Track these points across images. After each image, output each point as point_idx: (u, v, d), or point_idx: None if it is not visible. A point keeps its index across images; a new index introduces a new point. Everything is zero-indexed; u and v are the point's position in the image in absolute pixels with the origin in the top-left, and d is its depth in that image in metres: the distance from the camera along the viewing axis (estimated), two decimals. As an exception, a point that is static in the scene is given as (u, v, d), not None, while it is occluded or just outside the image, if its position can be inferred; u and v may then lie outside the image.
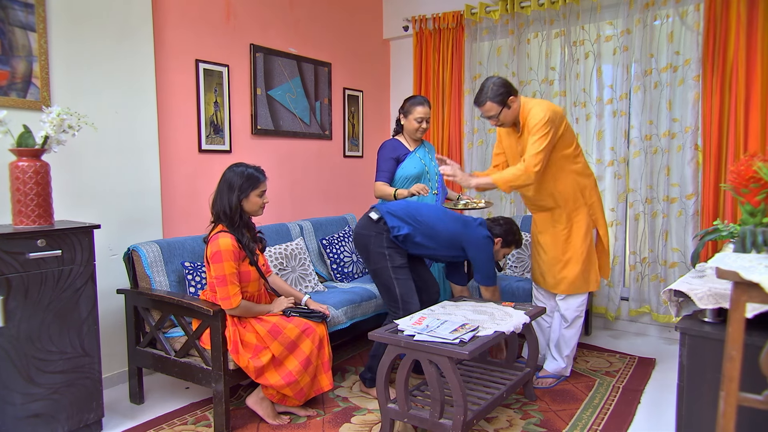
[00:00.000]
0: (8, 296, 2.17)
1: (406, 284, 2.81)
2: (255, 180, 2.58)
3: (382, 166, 3.36)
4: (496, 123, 2.87)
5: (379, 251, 2.80)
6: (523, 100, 2.84)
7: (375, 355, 2.85)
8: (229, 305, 2.44)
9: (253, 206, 2.60)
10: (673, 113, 3.67)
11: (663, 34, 3.70)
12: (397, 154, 3.33)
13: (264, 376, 2.47)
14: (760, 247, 1.50)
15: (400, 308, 2.79)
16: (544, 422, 2.57)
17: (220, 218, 2.56)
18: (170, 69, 3.28)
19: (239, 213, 2.56)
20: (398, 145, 3.36)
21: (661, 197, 3.73)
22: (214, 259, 2.46)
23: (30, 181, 2.29)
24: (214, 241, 2.49)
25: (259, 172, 2.62)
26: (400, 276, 2.80)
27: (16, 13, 2.59)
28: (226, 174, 2.61)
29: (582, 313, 2.98)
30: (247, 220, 2.62)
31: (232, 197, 2.54)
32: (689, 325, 1.49)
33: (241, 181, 2.55)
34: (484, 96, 2.79)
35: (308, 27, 4.21)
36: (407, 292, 2.80)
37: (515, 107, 2.81)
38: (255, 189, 2.57)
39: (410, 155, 3.33)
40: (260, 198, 2.60)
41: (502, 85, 2.77)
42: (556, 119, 2.74)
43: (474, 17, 4.35)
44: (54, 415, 2.32)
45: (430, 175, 3.33)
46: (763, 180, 1.61)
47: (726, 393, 1.19)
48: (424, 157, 3.37)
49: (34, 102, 2.65)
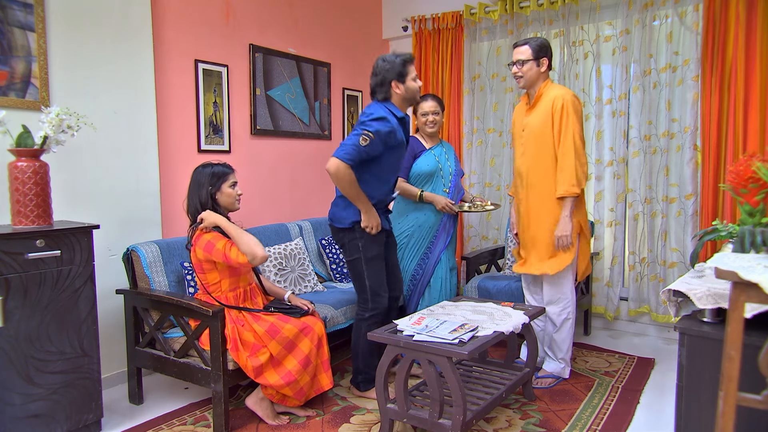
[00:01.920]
0: (7, 296, 2.17)
1: (378, 278, 2.79)
2: (222, 173, 2.62)
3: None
4: (518, 71, 2.89)
5: (353, 243, 2.77)
6: (551, 81, 2.92)
7: (356, 355, 2.86)
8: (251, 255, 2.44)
9: (228, 198, 2.62)
10: (672, 113, 3.67)
11: (662, 35, 3.70)
12: (414, 152, 3.31)
13: (263, 376, 2.47)
14: (758, 247, 1.50)
15: (369, 300, 2.79)
16: (543, 422, 2.57)
17: (197, 218, 2.58)
18: (169, 69, 3.28)
19: (213, 208, 2.58)
20: (415, 143, 3.31)
21: (660, 197, 3.73)
22: (207, 249, 2.49)
23: (29, 182, 2.29)
24: (199, 241, 2.53)
25: (226, 166, 2.66)
26: (372, 269, 2.77)
27: (15, 13, 2.59)
28: (193, 175, 2.64)
29: (570, 315, 2.95)
30: (225, 215, 2.61)
31: (202, 192, 2.58)
32: (688, 325, 1.49)
33: (209, 177, 2.59)
34: (526, 40, 2.90)
35: (307, 27, 4.21)
36: (378, 285, 2.79)
37: (542, 72, 2.88)
38: (225, 181, 2.61)
39: (426, 152, 3.30)
40: (233, 189, 2.63)
41: (545, 45, 2.89)
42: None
43: (473, 17, 4.35)
44: (53, 415, 2.32)
45: (444, 174, 3.30)
46: (761, 180, 1.61)
47: (725, 393, 1.20)
48: (440, 156, 3.33)
49: (33, 102, 2.65)
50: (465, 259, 3.70)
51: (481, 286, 3.58)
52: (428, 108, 3.28)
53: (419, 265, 3.29)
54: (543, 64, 2.86)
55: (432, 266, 3.28)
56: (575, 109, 2.80)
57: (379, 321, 2.80)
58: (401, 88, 2.73)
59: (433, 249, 3.29)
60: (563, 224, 2.82)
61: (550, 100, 2.82)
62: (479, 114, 4.47)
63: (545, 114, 2.84)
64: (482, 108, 4.46)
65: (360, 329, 2.79)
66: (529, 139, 2.92)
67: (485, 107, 4.45)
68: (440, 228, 3.29)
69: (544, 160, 2.86)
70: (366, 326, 2.76)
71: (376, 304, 2.78)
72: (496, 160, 4.43)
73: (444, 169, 3.32)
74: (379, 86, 2.74)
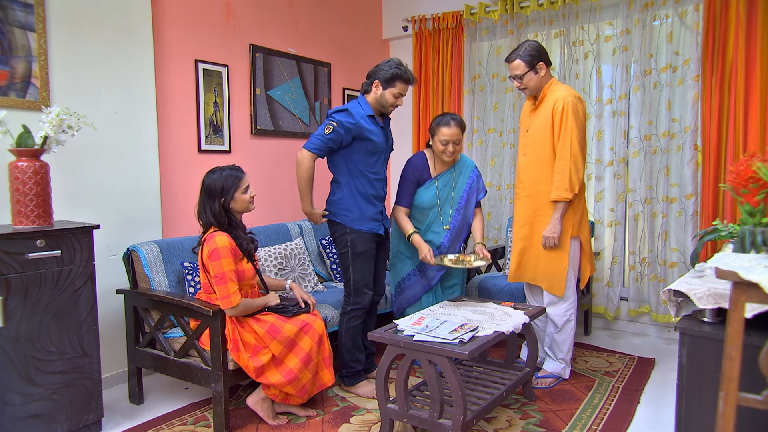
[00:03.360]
0: (7, 296, 2.17)
1: (363, 274, 2.86)
2: (234, 179, 2.55)
3: (402, 190, 3.06)
4: (520, 85, 2.89)
5: (342, 237, 2.86)
6: (555, 81, 2.90)
7: (340, 348, 2.90)
8: (229, 304, 2.42)
9: (242, 204, 2.59)
10: (672, 113, 3.67)
11: (662, 35, 3.70)
12: (418, 178, 3.05)
13: (265, 376, 2.47)
14: (759, 247, 1.50)
15: (351, 294, 2.87)
16: (543, 422, 2.57)
17: (210, 225, 2.55)
18: (170, 69, 3.28)
19: (226, 217, 2.55)
20: (424, 167, 3.05)
21: (660, 197, 3.73)
22: (212, 256, 2.45)
23: (29, 182, 2.29)
24: (210, 240, 2.48)
25: (236, 170, 2.59)
26: (358, 264, 2.84)
27: (16, 13, 2.59)
28: (204, 182, 2.57)
29: (571, 317, 2.95)
30: (237, 221, 2.61)
31: (214, 204, 2.52)
32: (689, 325, 1.49)
33: (221, 186, 2.53)
34: (516, 53, 2.85)
35: (308, 27, 4.21)
36: (361, 282, 2.86)
37: (543, 76, 2.84)
38: (237, 189, 2.56)
39: (429, 183, 3.05)
40: (246, 194, 2.59)
41: (535, 49, 2.82)
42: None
43: (473, 17, 4.35)
44: (53, 415, 2.32)
45: (443, 211, 3.06)
46: (762, 180, 1.61)
47: (725, 393, 1.19)
48: (445, 186, 3.06)
49: (33, 102, 2.65)
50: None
51: (482, 286, 3.58)
52: (448, 135, 2.92)
53: (413, 271, 3.14)
54: (541, 69, 2.84)
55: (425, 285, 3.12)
56: (575, 111, 2.77)
57: (359, 316, 2.89)
58: (379, 91, 2.81)
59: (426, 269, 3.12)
60: (552, 226, 2.83)
61: (552, 101, 2.81)
62: (479, 114, 4.47)
63: (547, 116, 2.83)
64: (482, 108, 4.46)
65: (342, 322, 2.88)
66: (531, 141, 2.92)
67: (485, 107, 4.45)
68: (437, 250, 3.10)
69: (542, 162, 2.86)
70: (346, 320, 2.88)
71: (357, 299, 2.87)
72: (496, 160, 4.43)
73: (444, 204, 3.05)
74: (369, 77, 2.86)
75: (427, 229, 3.09)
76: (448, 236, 3.08)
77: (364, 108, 2.81)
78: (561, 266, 2.87)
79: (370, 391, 2.86)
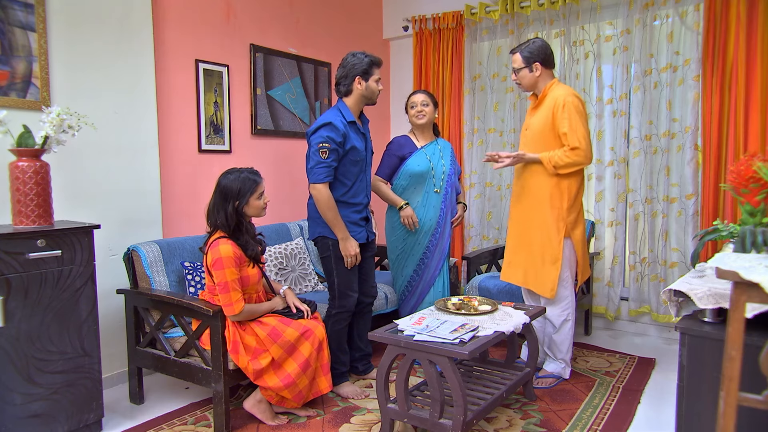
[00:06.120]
0: (8, 296, 2.17)
1: (346, 278, 2.85)
2: (251, 184, 2.52)
3: (383, 161, 3.32)
4: (515, 79, 2.95)
5: (324, 241, 2.84)
6: (557, 81, 2.91)
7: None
8: (231, 311, 2.42)
9: (255, 210, 2.57)
10: (672, 113, 3.67)
11: (663, 34, 3.70)
12: (403, 153, 3.27)
13: (262, 378, 2.46)
14: (759, 247, 1.50)
15: (336, 298, 2.86)
16: (543, 422, 2.57)
17: (218, 228, 2.53)
18: (170, 69, 3.28)
19: (238, 221, 2.53)
20: (406, 143, 3.29)
21: (660, 197, 3.73)
22: (215, 266, 2.44)
23: (30, 182, 2.29)
24: (214, 249, 2.46)
25: (254, 174, 2.56)
26: (341, 268, 2.83)
27: (16, 13, 2.59)
28: (220, 183, 2.53)
29: (569, 317, 2.94)
30: (247, 226, 2.59)
31: (228, 207, 2.49)
32: (689, 325, 1.49)
33: (237, 189, 2.50)
34: (519, 47, 2.91)
35: (308, 27, 4.21)
36: (345, 285, 2.85)
37: (538, 75, 2.86)
38: (253, 193, 2.53)
39: (417, 152, 3.26)
40: (260, 200, 2.56)
41: (538, 48, 2.86)
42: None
43: (474, 17, 4.35)
44: (54, 415, 2.32)
45: (436, 174, 3.24)
46: (762, 180, 1.61)
47: (726, 393, 1.19)
48: (433, 155, 3.27)
49: (33, 102, 2.65)
50: (465, 259, 3.70)
51: (482, 286, 3.58)
52: (417, 99, 3.27)
53: (415, 272, 3.28)
54: (536, 69, 2.85)
55: (431, 277, 3.27)
56: (576, 106, 2.77)
57: (344, 319, 2.90)
58: (363, 85, 2.82)
59: (429, 257, 3.26)
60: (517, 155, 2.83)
61: (552, 99, 2.82)
62: (480, 114, 4.47)
63: (546, 114, 2.83)
64: (483, 108, 4.46)
65: (327, 325, 2.85)
66: (529, 139, 2.92)
67: (486, 107, 4.45)
68: (436, 235, 3.25)
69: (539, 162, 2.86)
70: (331, 323, 2.87)
71: (342, 302, 2.87)
72: (497, 160, 4.43)
73: (436, 169, 3.25)
74: (343, 78, 2.84)
75: (424, 201, 3.25)
76: (444, 199, 3.26)
77: (346, 115, 2.80)
78: (550, 267, 2.86)
79: (352, 392, 2.87)
